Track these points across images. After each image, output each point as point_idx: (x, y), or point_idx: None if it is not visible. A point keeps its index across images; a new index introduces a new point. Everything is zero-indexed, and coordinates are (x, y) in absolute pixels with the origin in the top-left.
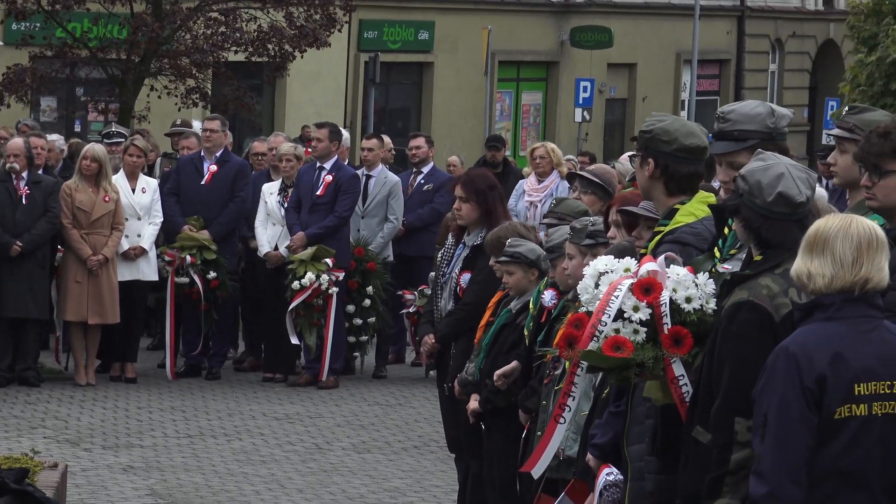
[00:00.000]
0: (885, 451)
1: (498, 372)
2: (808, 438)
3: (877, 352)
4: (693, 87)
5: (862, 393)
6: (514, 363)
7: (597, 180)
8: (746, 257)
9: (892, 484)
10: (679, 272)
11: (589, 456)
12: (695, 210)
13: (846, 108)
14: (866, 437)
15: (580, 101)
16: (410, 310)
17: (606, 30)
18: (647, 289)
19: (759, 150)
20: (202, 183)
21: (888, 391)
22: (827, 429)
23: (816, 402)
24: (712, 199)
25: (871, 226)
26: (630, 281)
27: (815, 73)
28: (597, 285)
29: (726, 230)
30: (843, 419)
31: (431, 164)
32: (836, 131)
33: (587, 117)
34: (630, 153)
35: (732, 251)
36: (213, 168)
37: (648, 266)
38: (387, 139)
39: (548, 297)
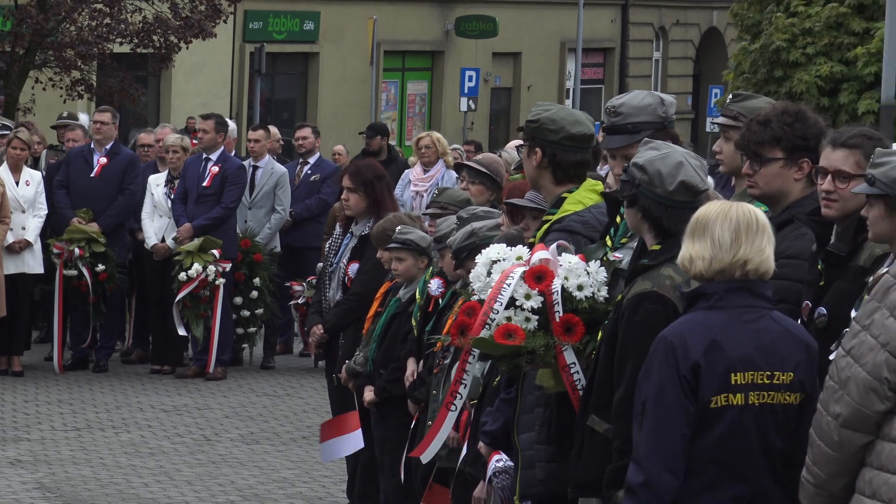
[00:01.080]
0: (762, 440)
1: (407, 375)
2: (684, 427)
3: (758, 341)
4: (578, 76)
5: (738, 382)
6: (412, 360)
7: (484, 170)
8: (638, 247)
9: (767, 473)
10: (571, 260)
11: (480, 443)
12: (583, 198)
13: (730, 96)
14: (743, 426)
15: (465, 91)
16: (299, 301)
17: (491, 19)
18: (538, 276)
19: (647, 138)
20: (92, 175)
21: (767, 381)
22: (704, 417)
23: (692, 390)
24: (600, 186)
25: (753, 210)
26: (522, 269)
27: (698, 61)
28: (489, 273)
29: (618, 219)
30: (719, 408)
31: (318, 155)
32: (720, 119)
33: (472, 106)
34: (516, 142)
35: (624, 240)
36: (103, 160)
37: (540, 254)
38: (274, 130)
39: (434, 285)
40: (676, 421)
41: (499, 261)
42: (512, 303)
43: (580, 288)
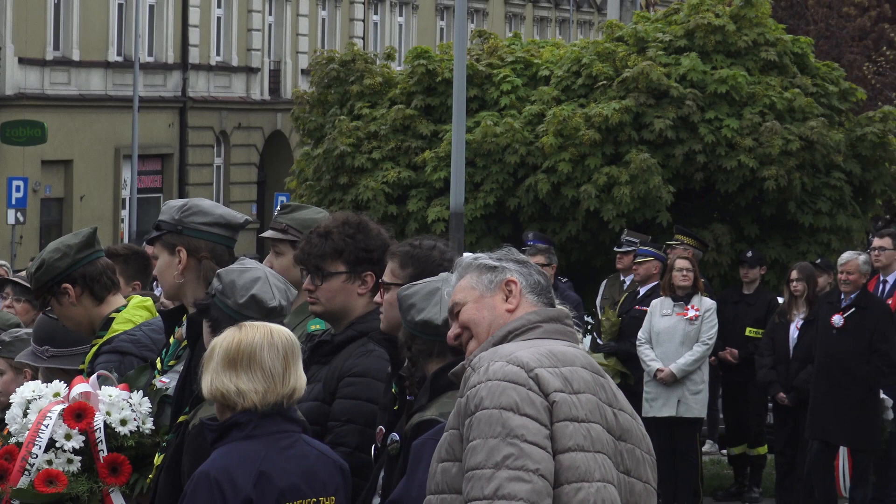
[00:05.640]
0: None
1: None
2: None
3: (300, 468)
4: (134, 184)
5: None
6: None
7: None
8: (187, 367)
9: None
10: (112, 393)
11: None
12: (132, 316)
13: (278, 208)
14: None
15: (13, 202)
16: None
17: (39, 124)
18: (78, 415)
19: (244, 255)
20: None
21: None
22: None
23: None
24: (149, 302)
25: (287, 332)
26: (61, 407)
27: (263, 167)
28: (26, 413)
29: (171, 338)
30: None
31: None
32: (268, 233)
33: (21, 219)
34: None
35: (172, 362)
36: None
37: (80, 388)
38: None
39: None
40: None
41: (35, 399)
42: (52, 444)
43: (124, 423)
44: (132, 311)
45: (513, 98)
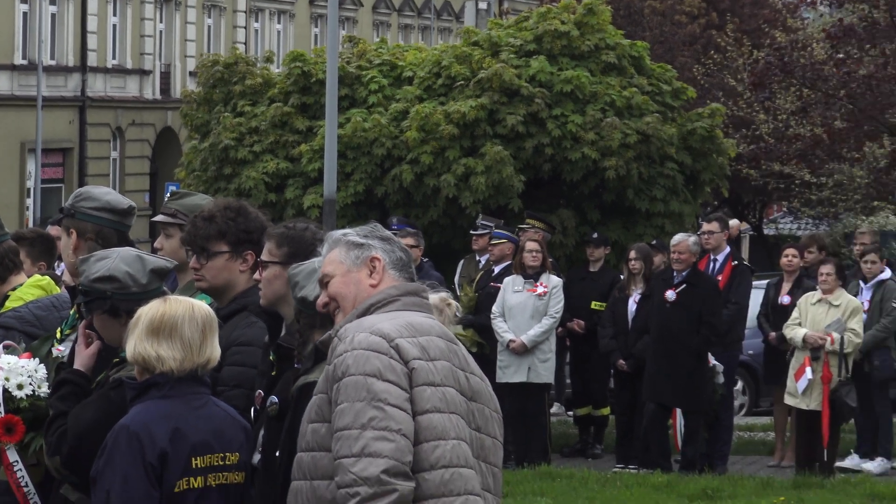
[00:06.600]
0: None
1: None
2: None
3: (209, 426)
4: (38, 176)
5: (198, 466)
6: None
7: None
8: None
9: None
10: (10, 360)
11: None
12: (24, 294)
13: (167, 195)
14: None
15: None
16: None
17: None
18: None
19: (102, 250)
20: None
21: (221, 463)
22: (168, 501)
23: (158, 478)
24: (45, 281)
25: (207, 308)
26: None
27: (155, 160)
28: None
29: (73, 310)
30: (182, 492)
31: None
32: (159, 217)
33: None
34: None
35: (68, 331)
36: None
37: None
38: None
39: None
40: None
41: None
42: None
43: (20, 387)
44: (25, 290)
45: (380, 97)
